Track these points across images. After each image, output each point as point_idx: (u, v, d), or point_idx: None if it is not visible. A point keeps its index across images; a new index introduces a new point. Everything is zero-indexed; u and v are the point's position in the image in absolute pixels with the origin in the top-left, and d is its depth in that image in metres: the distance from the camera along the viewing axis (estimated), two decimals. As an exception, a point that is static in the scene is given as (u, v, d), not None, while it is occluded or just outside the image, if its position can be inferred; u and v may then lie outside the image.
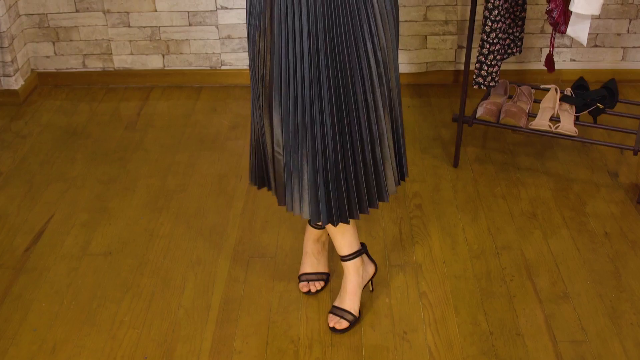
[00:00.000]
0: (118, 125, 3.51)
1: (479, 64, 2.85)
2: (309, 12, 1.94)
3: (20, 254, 2.68)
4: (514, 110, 2.96)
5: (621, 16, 3.64)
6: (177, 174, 3.12)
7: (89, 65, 3.85)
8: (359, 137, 2.08)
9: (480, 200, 2.91)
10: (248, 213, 2.86)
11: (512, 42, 3.03)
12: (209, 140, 3.36)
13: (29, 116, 3.60)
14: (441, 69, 3.81)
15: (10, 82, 3.66)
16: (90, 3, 3.69)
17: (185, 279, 2.55)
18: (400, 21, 3.67)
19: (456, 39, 3.74)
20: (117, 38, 3.78)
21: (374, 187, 2.17)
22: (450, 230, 2.75)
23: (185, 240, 2.73)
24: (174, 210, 2.90)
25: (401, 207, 2.87)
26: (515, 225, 2.77)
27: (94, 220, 2.85)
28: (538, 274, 2.53)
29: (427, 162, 3.15)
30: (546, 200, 2.90)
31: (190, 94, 3.79)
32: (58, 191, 3.02)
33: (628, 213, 2.82)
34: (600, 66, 3.77)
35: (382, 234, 2.73)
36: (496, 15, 2.74)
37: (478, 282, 2.50)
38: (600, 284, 2.48)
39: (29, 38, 3.78)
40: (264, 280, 2.53)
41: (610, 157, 3.15)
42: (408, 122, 3.44)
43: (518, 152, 3.20)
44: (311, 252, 2.48)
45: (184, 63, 3.83)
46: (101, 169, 3.16)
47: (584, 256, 2.61)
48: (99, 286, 2.52)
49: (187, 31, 3.75)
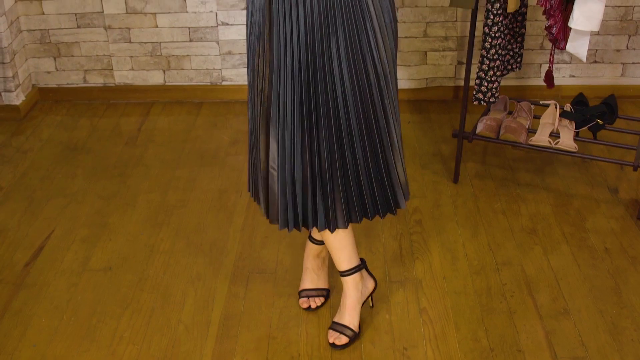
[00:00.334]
0: (118, 140, 3.52)
1: (478, 80, 2.86)
2: (307, 26, 1.95)
3: (20, 269, 2.68)
4: (513, 126, 2.97)
5: (620, 32, 3.66)
6: (177, 190, 3.12)
7: (90, 81, 3.86)
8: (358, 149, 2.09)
9: (481, 216, 2.91)
10: (248, 229, 2.86)
11: (512, 58, 3.04)
12: (210, 156, 3.37)
13: (30, 131, 3.61)
14: (441, 84, 3.82)
15: (11, 97, 3.67)
16: (92, 19, 3.71)
17: (185, 294, 2.54)
18: (400, 37, 3.68)
19: (456, 55, 3.75)
20: (118, 54, 3.79)
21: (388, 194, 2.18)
22: (450, 246, 2.75)
23: (186, 256, 2.73)
24: (174, 225, 2.90)
25: (401, 223, 2.87)
26: (515, 241, 2.76)
27: (94, 236, 2.85)
28: (538, 290, 2.53)
29: (427, 177, 3.16)
30: (546, 216, 2.90)
31: (191, 109, 3.80)
32: (58, 206, 3.02)
33: (628, 229, 2.82)
34: (600, 82, 3.78)
35: (382, 249, 2.73)
36: (496, 32, 2.75)
37: (478, 298, 2.50)
38: (600, 300, 2.48)
39: (30, 54, 3.80)
40: (264, 296, 2.53)
41: (610, 173, 3.15)
42: (408, 137, 3.44)
43: (518, 168, 3.21)
44: (311, 267, 2.48)
45: (184, 79, 3.85)
46: (101, 185, 3.16)
47: (584, 272, 2.61)
48: (98, 302, 2.52)
49: (187, 47, 3.77)
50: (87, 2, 3.67)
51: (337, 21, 1.96)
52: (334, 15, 1.95)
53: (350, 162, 2.10)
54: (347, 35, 1.98)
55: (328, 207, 2.13)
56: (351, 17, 1.97)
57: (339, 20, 1.96)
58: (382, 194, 2.19)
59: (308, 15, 1.94)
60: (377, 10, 2.00)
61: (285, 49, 1.98)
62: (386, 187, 2.18)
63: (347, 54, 1.99)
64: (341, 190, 2.12)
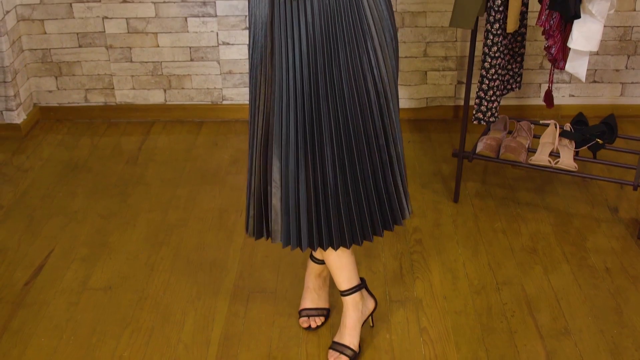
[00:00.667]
0: (119, 159, 3.52)
1: (478, 99, 2.87)
2: (309, 45, 1.96)
3: (19, 288, 2.68)
4: (513, 146, 2.98)
5: (619, 52, 3.67)
6: (177, 209, 3.12)
7: (91, 100, 3.88)
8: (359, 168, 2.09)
9: (481, 235, 2.91)
10: (248, 248, 2.86)
11: (512, 77, 3.05)
12: (210, 175, 3.37)
13: (31, 150, 3.61)
14: (441, 104, 3.83)
15: (12, 116, 3.68)
16: (93, 38, 3.73)
17: (185, 313, 2.54)
18: (401, 57, 3.70)
19: (456, 75, 3.77)
20: (120, 73, 3.80)
21: (387, 211, 2.18)
22: (450, 266, 2.74)
23: (186, 275, 2.72)
24: (175, 244, 2.90)
25: (401, 242, 2.87)
26: (515, 261, 2.76)
27: (94, 255, 2.84)
28: (539, 310, 2.52)
29: (427, 197, 3.16)
30: (546, 236, 2.90)
31: (192, 128, 3.81)
32: (58, 225, 3.02)
33: (629, 248, 2.82)
34: (599, 102, 3.79)
35: (382, 269, 2.73)
36: (495, 52, 2.76)
37: (479, 317, 2.49)
38: (601, 320, 2.47)
39: (31, 73, 3.81)
40: (264, 316, 2.52)
41: (610, 192, 3.16)
42: (408, 157, 3.45)
43: (518, 187, 3.21)
44: (313, 287, 2.48)
45: (185, 98, 3.86)
46: (102, 204, 3.17)
47: (585, 292, 2.60)
48: (98, 321, 2.51)
49: (188, 66, 3.78)
50: (89, 22, 3.69)
51: (338, 40, 1.97)
52: (335, 34, 1.96)
53: (353, 181, 2.10)
54: (348, 54, 1.99)
55: (331, 227, 2.13)
56: (352, 36, 1.98)
57: (340, 39, 1.97)
58: (382, 213, 2.19)
59: (310, 34, 1.95)
60: (377, 29, 2.01)
61: (287, 68, 1.99)
62: (386, 206, 2.18)
63: (348, 72, 2.00)
64: (344, 209, 2.12)
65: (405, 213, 2.25)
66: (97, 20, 3.69)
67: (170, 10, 3.66)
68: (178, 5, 3.65)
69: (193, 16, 3.67)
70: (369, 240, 2.20)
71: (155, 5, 3.65)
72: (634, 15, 3.60)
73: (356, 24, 1.98)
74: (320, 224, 2.13)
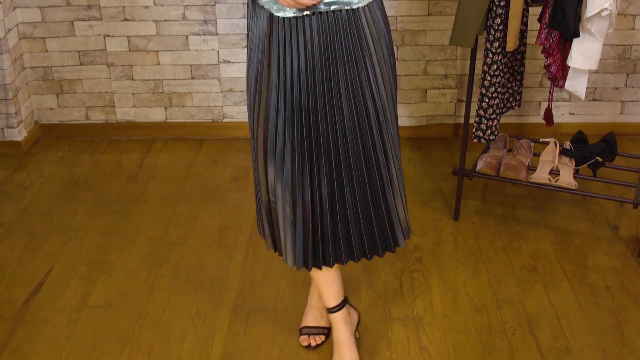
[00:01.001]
0: (120, 177, 3.53)
1: (478, 117, 2.88)
2: (307, 61, 1.96)
3: (19, 305, 2.67)
4: (513, 164, 2.98)
5: (619, 70, 3.69)
6: (178, 226, 3.12)
7: (92, 118, 3.89)
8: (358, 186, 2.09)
9: (481, 253, 2.91)
10: (249, 266, 2.86)
11: (511, 96, 3.06)
12: (210, 193, 3.37)
13: (32, 168, 3.62)
14: (441, 122, 3.84)
15: (13, 133, 3.69)
16: (95, 56, 3.74)
17: (185, 331, 2.53)
18: (401, 75, 3.71)
19: (456, 93, 3.78)
20: (120, 91, 3.82)
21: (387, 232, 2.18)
22: (451, 284, 2.74)
23: (186, 293, 2.72)
24: (175, 262, 2.89)
25: (402, 260, 2.87)
26: (516, 279, 2.76)
27: (94, 272, 2.84)
28: (540, 328, 2.52)
29: (427, 215, 3.16)
30: (547, 253, 2.90)
31: (192, 146, 3.82)
32: (59, 243, 3.02)
33: (629, 266, 2.81)
34: (599, 120, 3.80)
35: (382, 287, 2.73)
36: (495, 70, 2.77)
37: (479, 336, 2.49)
38: (602, 338, 2.47)
39: (33, 90, 3.82)
40: (264, 334, 2.51)
41: (610, 210, 3.16)
42: (408, 175, 3.45)
43: (518, 205, 3.21)
44: (316, 305, 2.48)
45: (186, 116, 3.87)
46: (102, 221, 3.17)
47: (585, 310, 2.60)
48: (98, 339, 2.51)
49: (189, 84, 3.79)
50: (90, 40, 3.71)
51: (337, 57, 1.97)
52: (334, 51, 1.96)
53: (350, 199, 2.10)
54: (347, 70, 1.99)
55: (328, 245, 2.13)
56: (351, 52, 1.98)
57: (339, 56, 1.97)
58: (381, 232, 2.18)
59: (309, 51, 1.96)
60: (376, 46, 2.01)
61: (284, 85, 1.98)
62: (386, 225, 2.17)
63: (347, 89, 2.00)
64: (341, 227, 2.12)
65: (406, 232, 2.24)
66: (99, 38, 3.70)
67: (171, 28, 3.67)
68: (179, 24, 3.66)
69: (194, 34, 3.68)
70: (367, 259, 2.19)
71: (157, 23, 3.67)
72: (633, 34, 3.61)
73: (355, 41, 1.98)
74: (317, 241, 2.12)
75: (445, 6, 3.59)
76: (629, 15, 3.58)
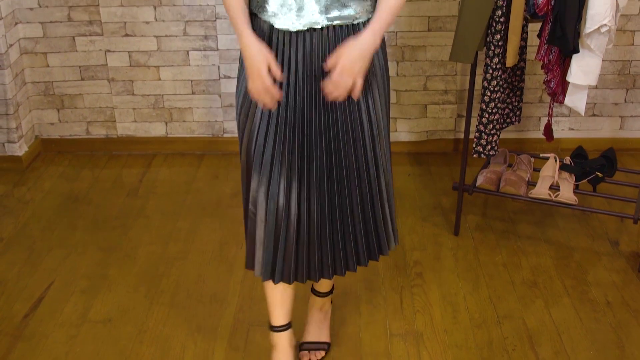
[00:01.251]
0: (120, 192, 3.53)
1: (478, 133, 2.88)
2: (304, 73, 1.97)
3: (19, 320, 2.66)
4: (513, 179, 2.98)
5: (618, 86, 3.70)
6: (178, 241, 3.12)
7: (93, 132, 3.89)
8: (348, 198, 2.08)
9: (481, 268, 2.90)
10: (248, 281, 2.85)
11: (511, 111, 3.07)
12: (211, 208, 3.37)
13: (32, 182, 3.62)
14: (441, 137, 3.85)
15: (14, 148, 3.70)
16: (96, 71, 3.75)
17: (184, 347, 2.53)
18: (401, 90, 3.72)
19: (456, 108, 3.79)
20: (121, 106, 3.83)
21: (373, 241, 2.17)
22: (451, 299, 2.73)
23: (185, 308, 2.71)
24: (175, 277, 2.89)
25: (402, 276, 2.86)
26: (516, 294, 2.75)
27: (94, 287, 2.84)
28: (540, 344, 2.51)
29: (427, 230, 3.16)
30: (547, 269, 2.89)
31: (192, 161, 3.82)
32: (59, 257, 3.02)
33: (629, 282, 2.81)
34: (599, 135, 3.81)
35: (383, 302, 2.72)
36: (495, 86, 2.78)
37: (480, 351, 2.48)
38: (603, 354, 2.46)
39: (34, 105, 3.83)
40: (264, 350, 2.50)
41: (610, 226, 3.16)
42: (408, 190, 3.46)
43: (518, 220, 3.21)
44: (314, 320, 2.47)
45: (186, 131, 3.87)
46: (102, 236, 3.16)
47: (586, 325, 2.59)
48: (97, 354, 2.50)
49: (190, 99, 3.80)
50: (92, 55, 3.72)
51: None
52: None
53: (340, 211, 2.09)
54: None
55: (313, 258, 2.11)
56: None
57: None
58: (368, 243, 2.18)
59: (307, 64, 1.96)
60: (373, 61, 2.02)
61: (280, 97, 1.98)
62: (372, 237, 2.17)
63: (343, 102, 2.00)
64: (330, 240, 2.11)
65: (392, 243, 2.23)
66: (100, 53, 3.72)
67: (172, 43, 3.69)
68: (180, 39, 3.68)
69: (195, 50, 3.70)
70: (353, 271, 2.19)
71: (158, 38, 3.68)
72: (632, 50, 3.63)
73: None
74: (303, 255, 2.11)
75: (445, 22, 3.60)
76: (628, 31, 3.60)
